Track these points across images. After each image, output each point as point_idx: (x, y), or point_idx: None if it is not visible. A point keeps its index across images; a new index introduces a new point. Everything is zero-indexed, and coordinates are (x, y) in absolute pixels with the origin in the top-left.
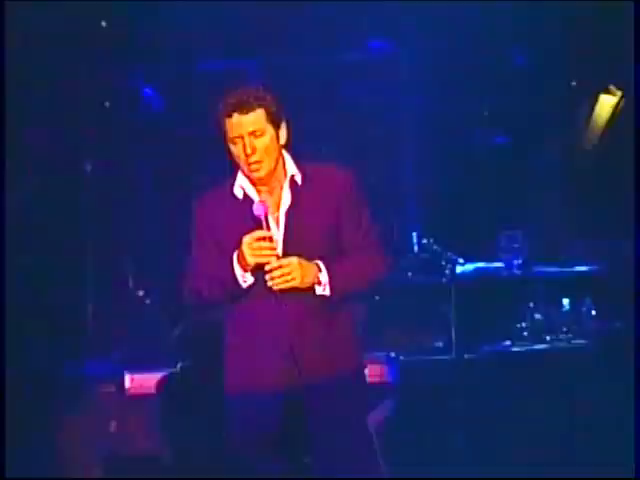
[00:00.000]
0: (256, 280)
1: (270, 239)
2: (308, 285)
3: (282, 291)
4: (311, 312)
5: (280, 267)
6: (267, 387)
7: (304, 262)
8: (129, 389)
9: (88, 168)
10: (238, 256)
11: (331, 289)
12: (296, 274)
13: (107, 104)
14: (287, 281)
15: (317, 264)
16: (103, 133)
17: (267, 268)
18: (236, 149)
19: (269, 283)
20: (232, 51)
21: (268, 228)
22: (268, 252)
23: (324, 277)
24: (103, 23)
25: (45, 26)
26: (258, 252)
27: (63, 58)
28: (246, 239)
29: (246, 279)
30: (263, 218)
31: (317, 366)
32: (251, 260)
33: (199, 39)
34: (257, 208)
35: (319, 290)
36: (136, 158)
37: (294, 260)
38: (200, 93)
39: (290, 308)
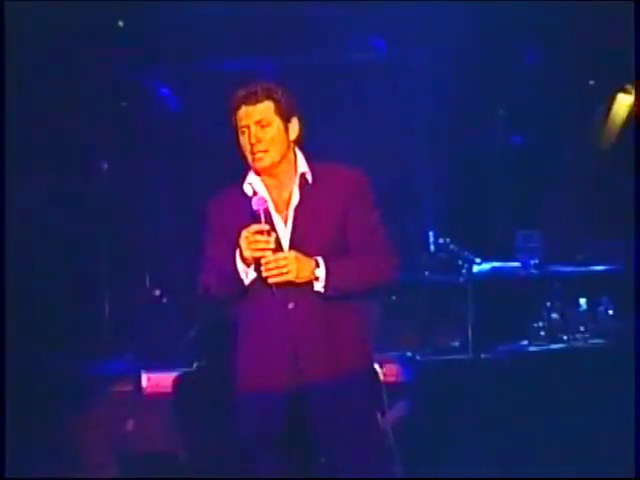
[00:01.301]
0: (260, 277)
1: (268, 233)
2: (304, 280)
3: (279, 285)
4: (315, 312)
5: (276, 260)
6: (274, 387)
7: (301, 257)
8: (146, 388)
9: (104, 167)
10: (240, 251)
11: (328, 285)
12: (291, 267)
13: (124, 104)
14: (282, 274)
15: (316, 260)
16: (119, 132)
17: (263, 261)
18: (243, 139)
19: (264, 275)
20: (248, 51)
21: (267, 222)
22: (262, 245)
23: (321, 273)
24: (120, 23)
25: (63, 26)
26: (254, 245)
27: (80, 58)
28: (243, 233)
29: (248, 274)
30: (261, 212)
31: (321, 366)
32: (247, 253)
33: (215, 39)
34: (256, 202)
35: (317, 286)
36: (152, 157)
37: (291, 254)
38: (216, 93)
39: (294, 307)
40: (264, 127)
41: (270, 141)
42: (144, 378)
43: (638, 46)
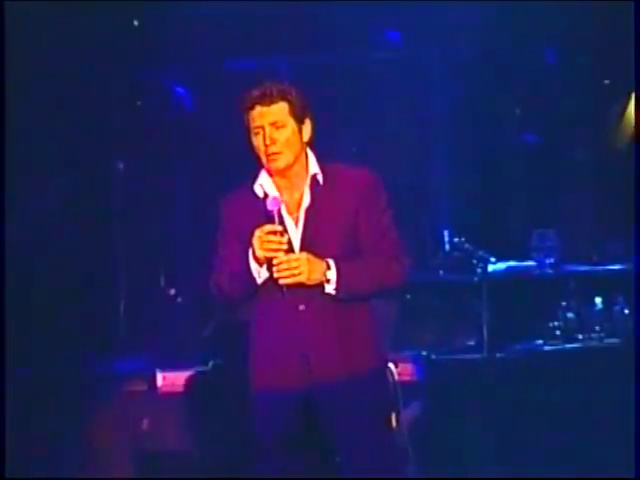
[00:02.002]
0: (271, 277)
1: (281, 234)
2: (315, 282)
3: (290, 286)
4: (326, 313)
5: (288, 261)
6: (285, 387)
7: (313, 258)
8: (161, 387)
9: (120, 167)
10: (252, 250)
11: (339, 287)
12: (303, 269)
13: (139, 103)
14: (294, 275)
15: (327, 262)
16: (135, 132)
17: (275, 262)
18: (257, 140)
19: (275, 275)
20: (264, 50)
21: (280, 223)
22: (275, 246)
23: (332, 275)
24: (135, 22)
25: (78, 25)
26: (267, 245)
27: (96, 57)
28: (257, 232)
29: (261, 274)
30: (275, 213)
31: (333, 367)
32: (259, 253)
33: (230, 38)
34: (270, 203)
35: (328, 288)
36: (168, 157)
37: (302, 255)
38: (231, 92)
39: (305, 309)
40: (279, 128)
41: (285, 143)
42: (159, 377)
43: (638, 46)
